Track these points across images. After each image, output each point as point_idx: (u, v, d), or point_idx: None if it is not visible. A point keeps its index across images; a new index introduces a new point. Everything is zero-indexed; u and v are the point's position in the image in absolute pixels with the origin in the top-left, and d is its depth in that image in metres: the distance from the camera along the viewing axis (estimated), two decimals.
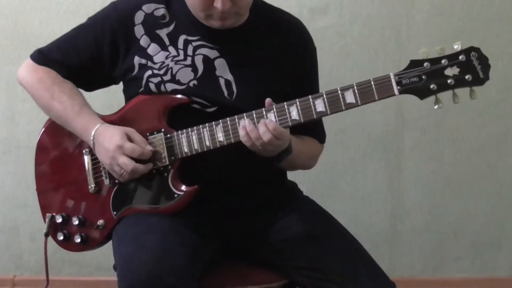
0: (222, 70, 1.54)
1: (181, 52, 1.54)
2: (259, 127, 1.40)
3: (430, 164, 2.44)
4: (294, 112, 1.42)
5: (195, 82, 1.53)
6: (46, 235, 1.62)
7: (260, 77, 1.56)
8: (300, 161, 1.62)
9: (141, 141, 1.49)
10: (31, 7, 2.35)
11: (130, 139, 1.48)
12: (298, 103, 1.42)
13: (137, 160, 1.47)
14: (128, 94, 1.60)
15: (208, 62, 1.54)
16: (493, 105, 2.37)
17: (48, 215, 1.61)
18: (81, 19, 1.63)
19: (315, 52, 1.68)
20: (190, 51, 1.54)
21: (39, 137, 1.65)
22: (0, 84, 2.38)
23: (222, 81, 1.54)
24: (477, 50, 1.36)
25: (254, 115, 1.43)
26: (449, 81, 1.36)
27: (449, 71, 1.36)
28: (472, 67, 1.35)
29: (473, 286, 2.50)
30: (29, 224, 2.45)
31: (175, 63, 1.53)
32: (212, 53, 1.54)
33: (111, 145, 1.47)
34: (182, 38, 1.55)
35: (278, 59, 1.58)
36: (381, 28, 2.33)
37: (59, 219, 1.60)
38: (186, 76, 1.53)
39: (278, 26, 1.61)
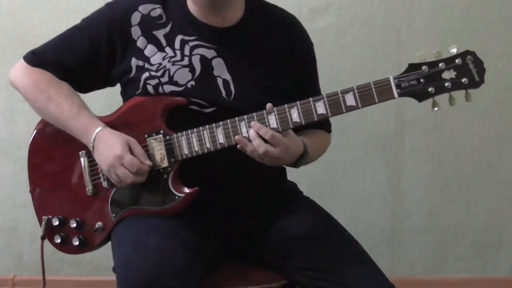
0: (220, 69, 1.53)
1: (178, 53, 1.53)
2: (253, 139, 1.40)
3: (430, 164, 2.44)
4: (295, 114, 1.42)
5: (193, 82, 1.52)
6: (43, 238, 1.61)
7: (258, 76, 1.55)
8: (314, 158, 1.63)
9: (141, 154, 1.48)
10: (31, 7, 2.35)
11: (130, 150, 1.47)
12: (299, 105, 1.42)
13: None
14: (126, 96, 1.59)
15: (206, 62, 1.53)
16: (493, 105, 2.37)
17: (44, 217, 1.60)
18: (81, 19, 1.63)
19: (312, 47, 1.68)
20: (187, 51, 1.53)
21: (31, 138, 1.64)
22: (0, 84, 2.38)
23: (220, 81, 1.53)
24: (472, 54, 1.37)
25: (255, 117, 1.43)
26: (446, 84, 1.37)
27: (446, 75, 1.37)
28: (468, 71, 1.37)
29: (473, 286, 2.50)
30: (29, 224, 2.46)
31: (172, 64, 1.52)
32: (209, 53, 1.54)
33: (111, 153, 1.46)
34: (178, 38, 1.54)
35: (276, 56, 1.58)
36: (381, 28, 2.33)
37: (55, 222, 1.59)
38: (183, 77, 1.52)
39: (274, 23, 1.60)
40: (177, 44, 1.54)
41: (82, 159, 1.57)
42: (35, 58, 1.59)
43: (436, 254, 2.51)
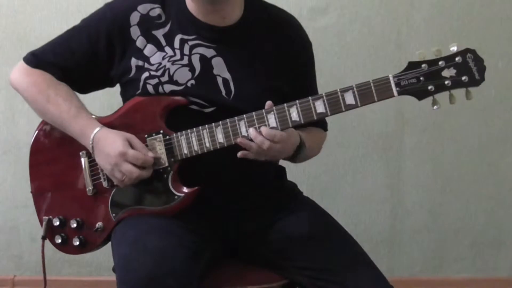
0: (220, 69, 1.53)
1: (178, 52, 1.53)
2: (254, 138, 1.41)
3: (430, 164, 2.44)
4: (294, 113, 1.42)
5: (192, 81, 1.52)
6: (43, 238, 1.61)
7: (258, 75, 1.55)
8: (311, 154, 1.63)
9: (141, 147, 1.48)
10: (31, 7, 2.35)
11: (131, 146, 1.47)
12: (298, 104, 1.42)
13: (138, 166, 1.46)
14: (126, 96, 1.59)
15: (205, 61, 1.53)
16: (493, 105, 2.37)
17: (45, 218, 1.60)
18: (81, 19, 1.63)
19: (311, 47, 1.68)
20: (186, 50, 1.53)
21: (32, 139, 1.64)
22: (0, 84, 2.39)
23: (220, 80, 1.53)
24: (472, 51, 1.37)
25: (254, 116, 1.43)
26: (446, 82, 1.37)
27: (446, 73, 1.37)
28: (468, 69, 1.36)
29: (473, 286, 2.50)
30: (29, 224, 2.46)
31: (172, 64, 1.52)
32: (208, 52, 1.54)
33: (113, 152, 1.45)
34: (178, 37, 1.54)
35: (275, 56, 1.58)
36: (381, 28, 2.33)
37: (56, 222, 1.59)
38: (183, 76, 1.52)
39: (273, 23, 1.60)
40: (176, 44, 1.54)
41: (82, 159, 1.57)
42: (35, 59, 1.59)
43: (436, 254, 2.51)
